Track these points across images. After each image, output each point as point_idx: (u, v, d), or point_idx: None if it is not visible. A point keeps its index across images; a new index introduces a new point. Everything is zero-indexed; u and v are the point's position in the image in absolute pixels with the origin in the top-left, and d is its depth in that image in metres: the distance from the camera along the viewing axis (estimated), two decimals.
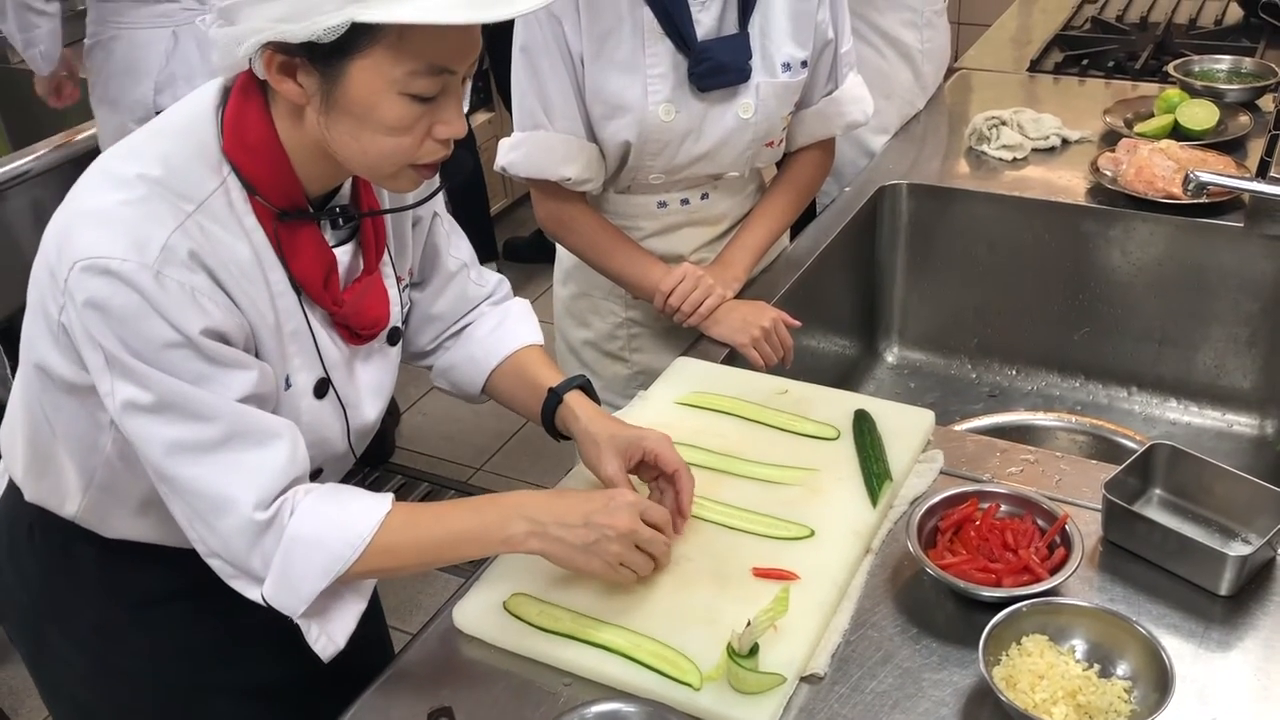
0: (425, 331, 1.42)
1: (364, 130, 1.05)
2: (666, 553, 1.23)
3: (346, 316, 1.20)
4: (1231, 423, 1.97)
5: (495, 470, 3.16)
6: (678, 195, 1.78)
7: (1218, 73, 2.38)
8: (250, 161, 1.09)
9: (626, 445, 1.30)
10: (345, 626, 1.16)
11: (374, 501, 1.15)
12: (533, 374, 1.39)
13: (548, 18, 1.59)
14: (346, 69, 1.01)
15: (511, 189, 4.36)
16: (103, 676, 1.33)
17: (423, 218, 1.35)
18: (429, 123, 1.07)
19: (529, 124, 1.67)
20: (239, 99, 1.09)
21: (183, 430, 1.07)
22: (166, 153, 1.08)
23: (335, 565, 1.11)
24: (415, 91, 1.03)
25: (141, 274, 1.01)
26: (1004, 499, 1.30)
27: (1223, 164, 1.96)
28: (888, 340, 2.21)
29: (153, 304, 1.02)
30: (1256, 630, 1.18)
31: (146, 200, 1.04)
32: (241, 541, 1.09)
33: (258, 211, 1.11)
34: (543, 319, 1.47)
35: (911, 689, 1.13)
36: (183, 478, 1.08)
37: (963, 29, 3.70)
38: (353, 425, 1.26)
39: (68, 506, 1.25)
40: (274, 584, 1.10)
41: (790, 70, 1.68)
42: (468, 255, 1.42)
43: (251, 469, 1.08)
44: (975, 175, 2.12)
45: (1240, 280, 1.90)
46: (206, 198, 1.07)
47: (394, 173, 1.10)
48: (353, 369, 1.25)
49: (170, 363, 1.04)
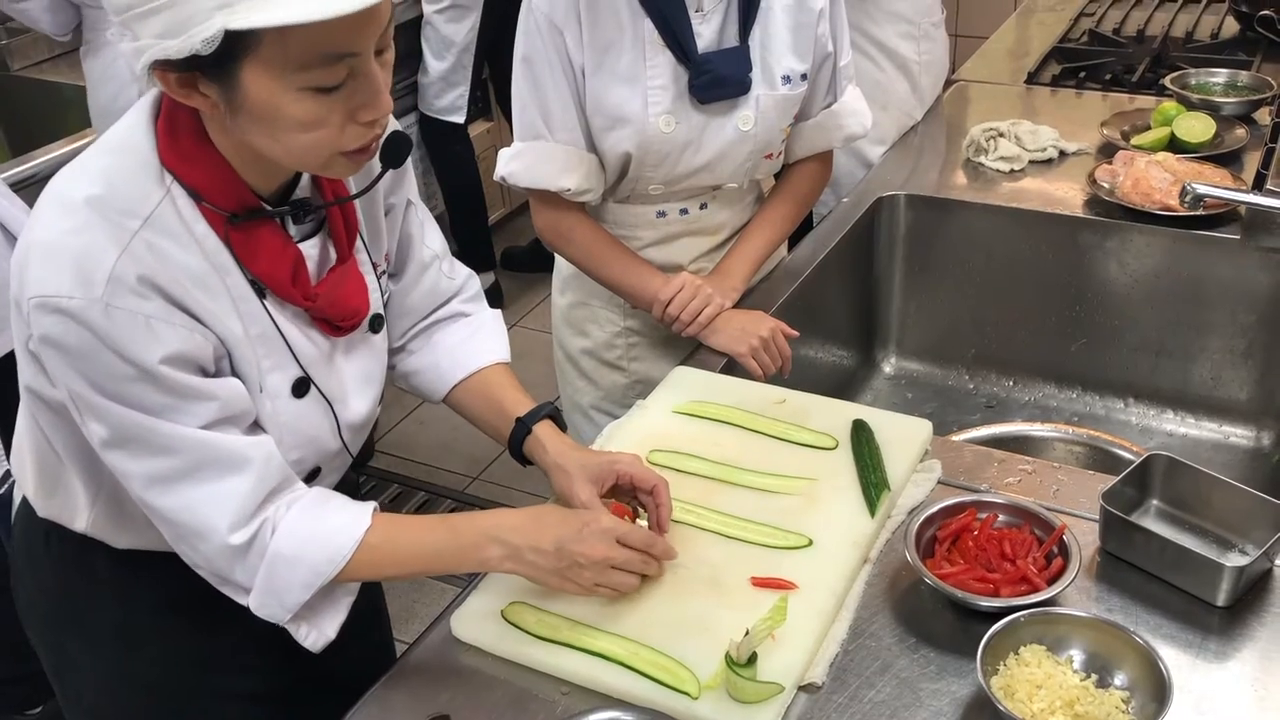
0: (397, 325, 1.40)
1: (276, 131, 1.02)
2: (658, 567, 1.24)
3: (323, 310, 1.18)
4: (1228, 434, 1.97)
5: (491, 479, 3.16)
6: (677, 205, 1.78)
7: (1214, 86, 2.39)
8: (189, 169, 1.07)
9: (598, 471, 1.30)
10: (335, 620, 1.18)
11: (355, 516, 1.15)
12: (499, 397, 1.38)
13: (549, 29, 1.60)
14: (239, 75, 0.98)
15: (510, 198, 4.37)
16: (118, 682, 1.33)
17: (395, 205, 1.32)
18: (346, 109, 1.02)
19: (529, 134, 1.68)
20: (170, 108, 1.08)
21: (149, 464, 1.07)
22: (108, 168, 1.06)
23: (317, 580, 1.13)
24: (315, 84, 0.99)
25: (90, 310, 1.00)
26: (1002, 509, 1.31)
27: (1219, 176, 1.97)
28: (885, 350, 2.21)
29: (104, 340, 1.01)
30: (1253, 641, 1.18)
31: (90, 228, 1.02)
32: (222, 562, 1.12)
33: (208, 218, 1.08)
34: (541, 328, 1.48)
35: (909, 698, 1.13)
36: (159, 507, 1.10)
37: (961, 41, 3.70)
38: (342, 420, 1.25)
39: (78, 522, 1.25)
40: (259, 596, 1.13)
41: (790, 83, 1.69)
42: (439, 246, 1.41)
43: (223, 497, 1.09)
44: (973, 187, 2.13)
45: (1236, 292, 1.90)
46: (152, 211, 1.05)
47: (324, 163, 1.06)
48: (335, 363, 1.23)
49: (131, 396, 1.04)
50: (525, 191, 1.72)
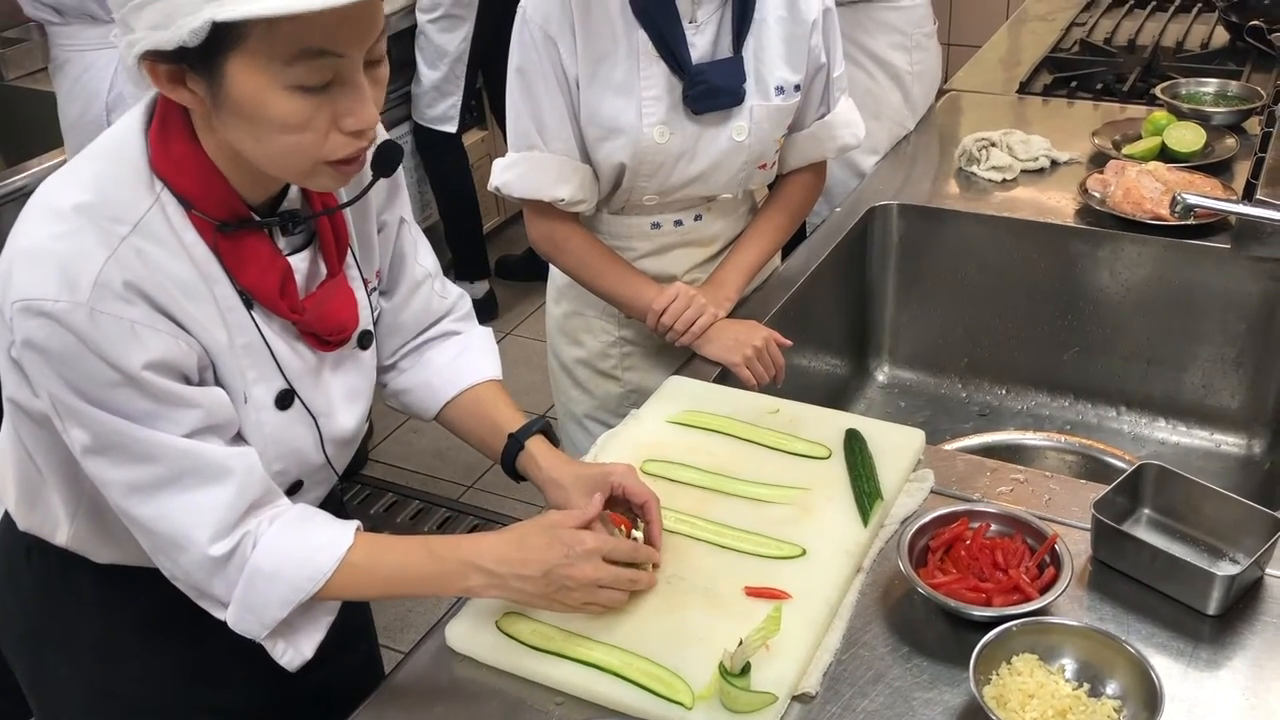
0: (388, 343, 1.38)
1: (260, 131, 1.01)
2: (649, 579, 1.24)
3: (310, 324, 1.17)
4: (1219, 442, 1.98)
5: (487, 488, 3.16)
6: (671, 216, 1.79)
7: (1204, 95, 2.40)
8: (179, 176, 1.07)
9: (592, 484, 1.29)
10: (313, 639, 1.17)
11: (338, 534, 1.15)
12: (492, 413, 1.38)
13: (543, 39, 1.61)
14: (225, 69, 0.98)
15: (504, 207, 4.37)
16: (100, 698, 1.33)
17: (388, 223, 1.32)
18: (330, 115, 1.01)
19: (523, 145, 1.68)
20: (162, 114, 1.08)
21: (130, 472, 1.07)
22: (99, 174, 1.06)
23: (296, 596, 1.12)
24: (299, 82, 0.98)
25: (75, 313, 0.99)
26: (994, 518, 1.31)
27: (1210, 186, 1.98)
28: (878, 360, 2.22)
29: (88, 344, 1.01)
30: (1245, 649, 1.19)
31: (78, 233, 1.01)
32: (201, 574, 1.11)
33: (197, 226, 1.08)
34: (535, 337, 1.48)
35: (902, 708, 1.14)
36: (138, 516, 1.09)
37: (953, 50, 3.72)
38: (326, 435, 1.24)
39: (59, 536, 1.24)
40: (236, 611, 1.12)
41: (784, 94, 1.70)
42: (432, 265, 1.40)
43: (204, 507, 1.08)
44: (965, 196, 2.14)
45: (1227, 301, 1.91)
46: (141, 218, 1.04)
47: (307, 171, 1.05)
48: (322, 377, 1.22)
49: (114, 402, 1.03)
50: (519, 202, 1.73)
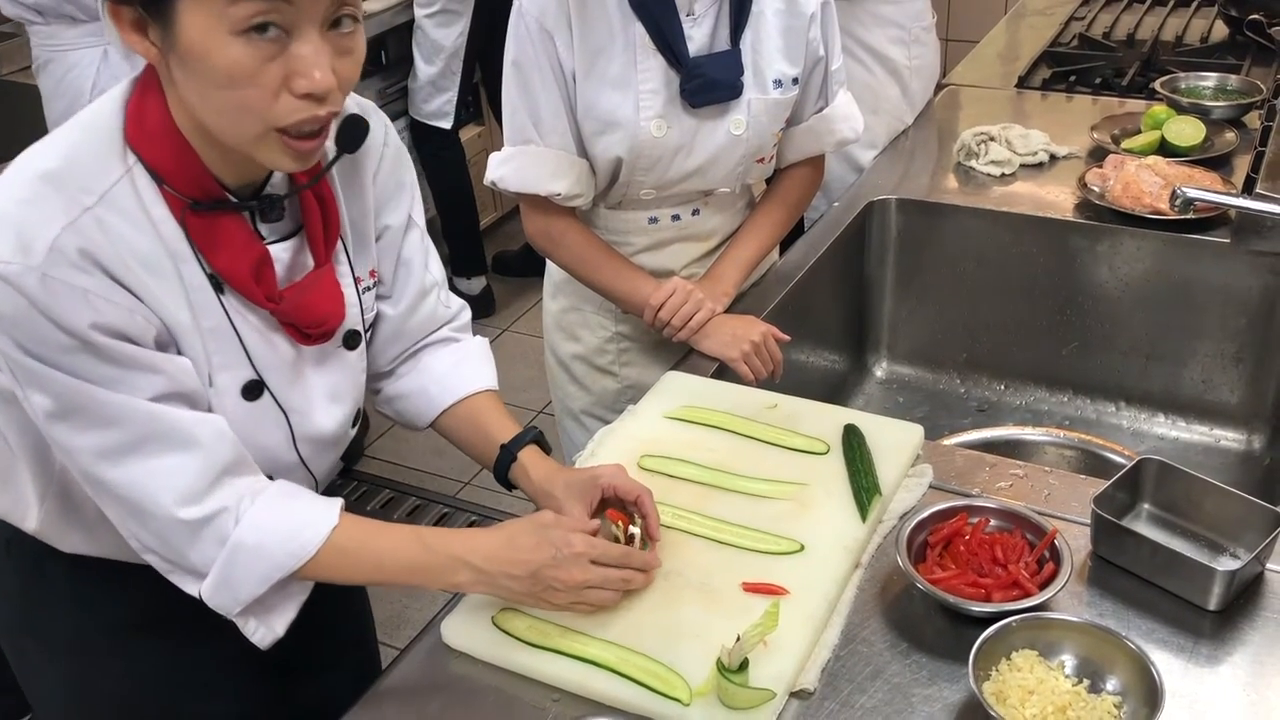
0: (389, 349, 1.37)
1: (207, 86, 1.00)
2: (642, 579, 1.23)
3: (288, 314, 1.15)
4: (1219, 437, 1.97)
5: (483, 484, 3.14)
6: (668, 211, 1.78)
7: (1204, 89, 2.40)
8: (152, 149, 1.06)
9: (583, 489, 1.29)
10: (286, 617, 1.16)
11: (323, 512, 1.14)
12: (486, 423, 1.37)
13: (539, 33, 1.60)
14: (177, 10, 0.97)
15: (501, 202, 4.37)
16: (77, 694, 1.32)
17: (392, 225, 1.30)
18: (281, 74, 0.99)
19: (519, 139, 1.67)
20: (141, 88, 1.07)
21: (95, 437, 1.05)
22: (73, 143, 1.06)
23: (276, 573, 1.11)
24: (244, 23, 0.96)
25: (26, 276, 0.99)
26: (993, 514, 1.31)
27: (1209, 180, 1.97)
28: (877, 355, 2.21)
29: (39, 307, 1.00)
30: (1245, 645, 1.18)
31: (40, 199, 1.01)
32: (174, 539, 1.09)
33: (169, 202, 1.07)
34: (532, 332, 1.48)
35: (901, 704, 1.13)
36: (105, 481, 1.07)
37: (951, 45, 3.72)
38: (299, 433, 1.21)
39: (29, 521, 1.23)
40: (213, 586, 1.11)
41: (781, 87, 1.69)
42: (439, 274, 1.39)
43: (171, 471, 1.07)
44: (964, 190, 2.13)
45: (1227, 295, 1.91)
46: (109, 189, 1.04)
47: (257, 136, 1.02)
48: (301, 372, 1.20)
49: (73, 366, 1.02)
50: (516, 196, 1.72)
